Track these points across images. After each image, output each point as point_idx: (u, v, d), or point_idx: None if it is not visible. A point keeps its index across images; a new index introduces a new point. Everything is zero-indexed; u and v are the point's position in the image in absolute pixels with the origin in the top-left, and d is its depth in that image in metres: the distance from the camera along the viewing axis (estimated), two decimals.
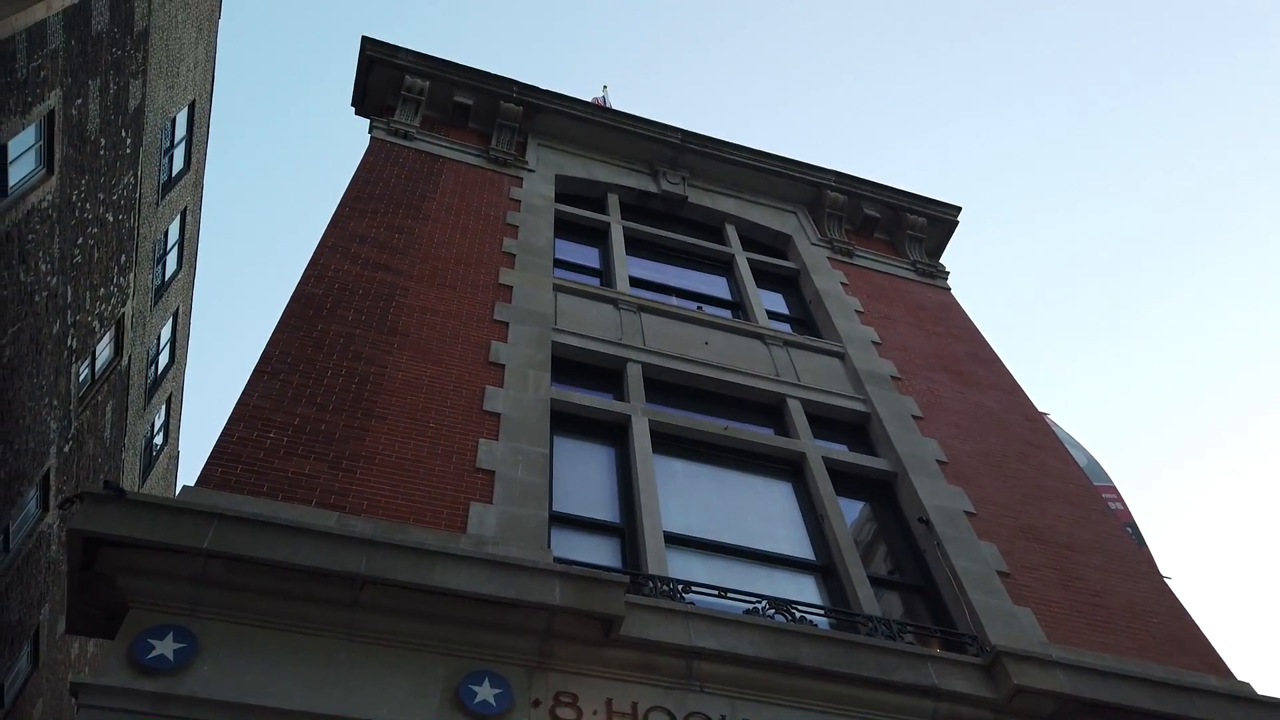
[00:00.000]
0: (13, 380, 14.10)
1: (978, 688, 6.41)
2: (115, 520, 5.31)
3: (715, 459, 8.75)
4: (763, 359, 10.21)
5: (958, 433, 9.87)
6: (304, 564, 5.47)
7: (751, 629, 6.28)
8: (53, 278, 14.74)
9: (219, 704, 4.96)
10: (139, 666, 4.97)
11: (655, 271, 11.91)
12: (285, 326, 8.00)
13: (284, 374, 7.47)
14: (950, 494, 8.74)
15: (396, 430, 7.32)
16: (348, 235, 9.56)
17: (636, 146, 13.74)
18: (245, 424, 6.83)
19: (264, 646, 5.32)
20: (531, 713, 5.48)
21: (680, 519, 7.82)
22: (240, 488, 6.26)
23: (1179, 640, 7.80)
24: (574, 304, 10.03)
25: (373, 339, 8.25)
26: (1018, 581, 7.87)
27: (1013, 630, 7.26)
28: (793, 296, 12.44)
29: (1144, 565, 8.79)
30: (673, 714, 5.77)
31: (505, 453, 7.42)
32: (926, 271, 13.70)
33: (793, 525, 8.30)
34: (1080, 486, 9.71)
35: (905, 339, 11.56)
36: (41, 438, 15.71)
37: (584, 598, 5.83)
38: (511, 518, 6.79)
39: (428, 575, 5.64)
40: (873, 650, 6.42)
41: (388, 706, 5.23)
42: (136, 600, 5.29)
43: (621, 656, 5.91)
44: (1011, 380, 11.44)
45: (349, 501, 6.50)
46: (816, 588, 7.72)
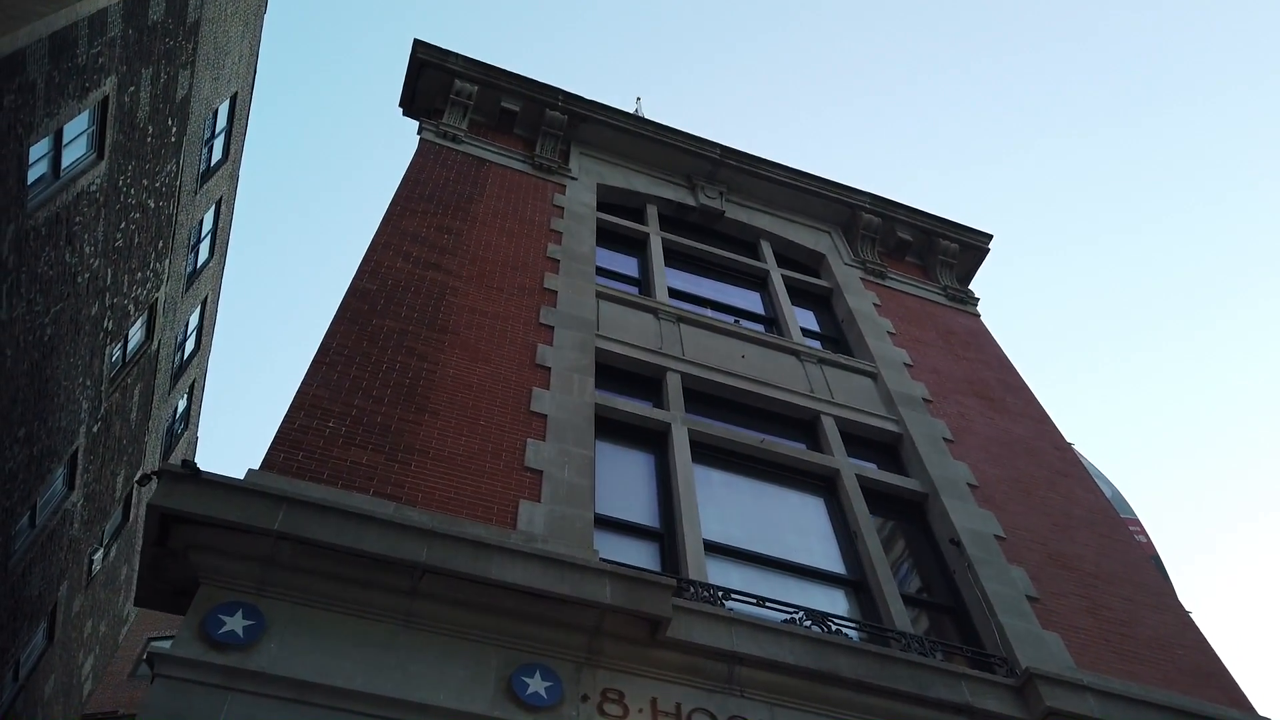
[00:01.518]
0: (51, 359, 14.34)
1: (1010, 708, 6.55)
2: (191, 498, 5.50)
3: (751, 471, 8.91)
4: (797, 375, 10.37)
5: (988, 457, 10.01)
6: (368, 550, 5.64)
7: (791, 638, 6.43)
8: (95, 260, 15.00)
9: (285, 681, 5.13)
10: (211, 641, 5.14)
11: (692, 284, 12.10)
12: (342, 319, 8.20)
13: (341, 365, 7.66)
14: (981, 517, 8.88)
15: (448, 426, 7.50)
16: (400, 233, 9.77)
17: (676, 159, 13.95)
18: (306, 412, 7.02)
19: (327, 628, 5.49)
20: (580, 707, 5.63)
21: (718, 528, 7.97)
22: (302, 474, 6.44)
23: (1203, 673, 7.92)
24: (616, 311, 10.21)
25: (424, 336, 8.44)
26: (1046, 607, 8.00)
27: (1041, 654, 7.39)
28: (825, 315, 12.61)
29: (1168, 597, 8.91)
30: (714, 716, 5.92)
31: (552, 453, 7.59)
32: (957, 297, 13.86)
33: (826, 540, 8.44)
34: (1107, 517, 9.83)
35: (936, 362, 11.71)
36: (73, 417, 15.95)
37: (633, 597, 5.99)
38: (559, 517, 6.96)
39: (485, 568, 5.81)
40: (908, 665, 6.56)
41: (444, 693, 5.39)
42: (208, 577, 5.47)
43: (666, 657, 6.06)
44: (1040, 409, 11.57)
45: (404, 493, 6.67)
46: (849, 602, 7.86)
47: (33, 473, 14.89)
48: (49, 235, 13.08)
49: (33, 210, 12.38)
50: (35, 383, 14.02)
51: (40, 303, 13.42)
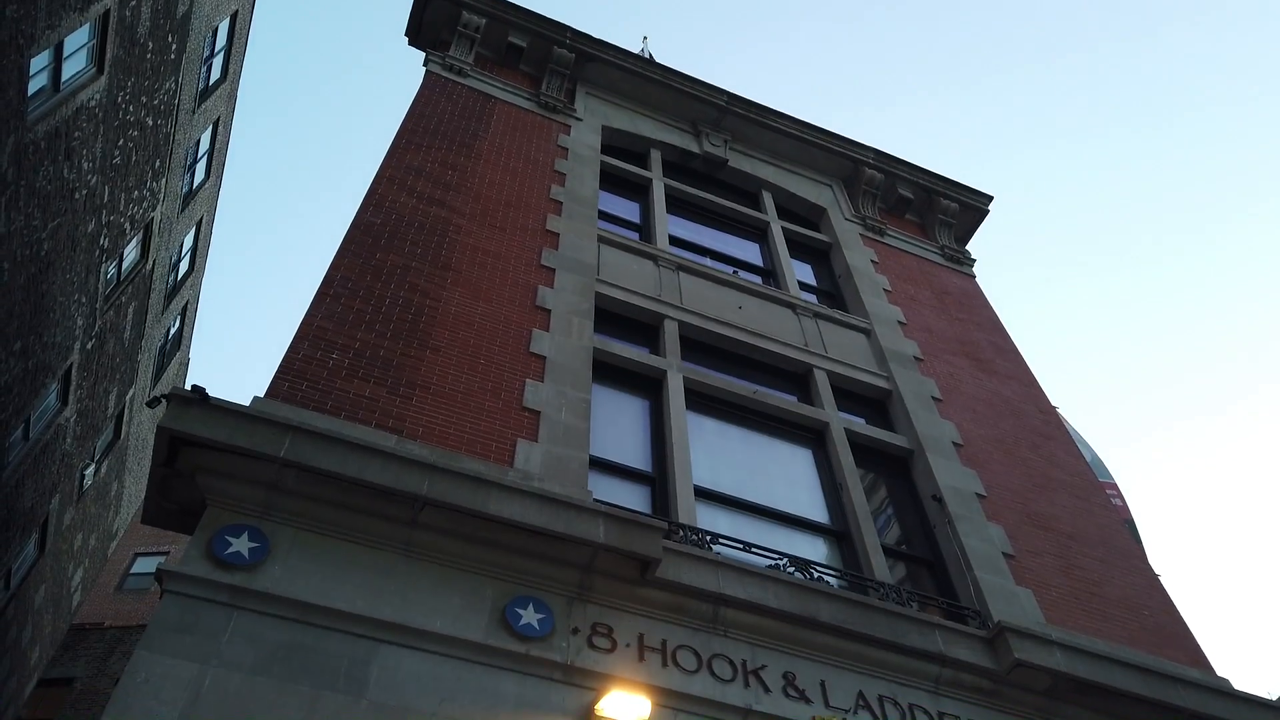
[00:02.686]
0: (48, 274, 14.33)
1: (980, 658, 6.83)
2: (199, 422, 5.63)
3: (743, 420, 9.09)
4: (793, 328, 10.50)
5: (974, 417, 10.22)
6: (371, 481, 5.80)
7: (775, 583, 6.66)
8: (93, 177, 14.89)
9: (289, 602, 5.32)
10: (217, 560, 5.32)
11: (692, 232, 12.14)
12: (346, 252, 8.25)
13: (345, 298, 7.74)
14: (964, 475, 9.11)
15: (449, 363, 7.62)
16: (404, 168, 9.76)
17: (682, 105, 13.87)
18: (310, 343, 7.12)
19: (329, 553, 5.67)
20: (571, 639, 5.86)
21: (708, 474, 8.17)
22: (306, 403, 6.57)
23: (1167, 633, 8.24)
24: (616, 257, 10.28)
25: (427, 272, 8.51)
26: (1021, 564, 8.27)
27: (1013, 609, 7.67)
28: (823, 269, 12.69)
29: (1139, 561, 9.21)
30: (699, 654, 6.17)
31: (550, 395, 7.73)
32: (954, 257, 13.95)
33: (813, 490, 8.67)
34: (1085, 480, 10.09)
35: (929, 321, 11.85)
36: (68, 333, 15.98)
37: (626, 538, 6.19)
38: (555, 457, 7.13)
39: (484, 503, 5.98)
40: (885, 614, 6.82)
41: (441, 620, 5.60)
42: (214, 499, 5.62)
43: (655, 596, 6.29)
44: (1028, 372, 11.77)
45: (405, 426, 6.82)
46: (831, 551, 8.10)
47: (27, 386, 14.97)
48: (48, 149, 12.97)
49: (32, 123, 12.27)
50: (31, 297, 14.03)
51: (38, 218, 13.37)
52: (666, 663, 6.01)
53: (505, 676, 5.50)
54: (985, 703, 6.77)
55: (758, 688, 6.15)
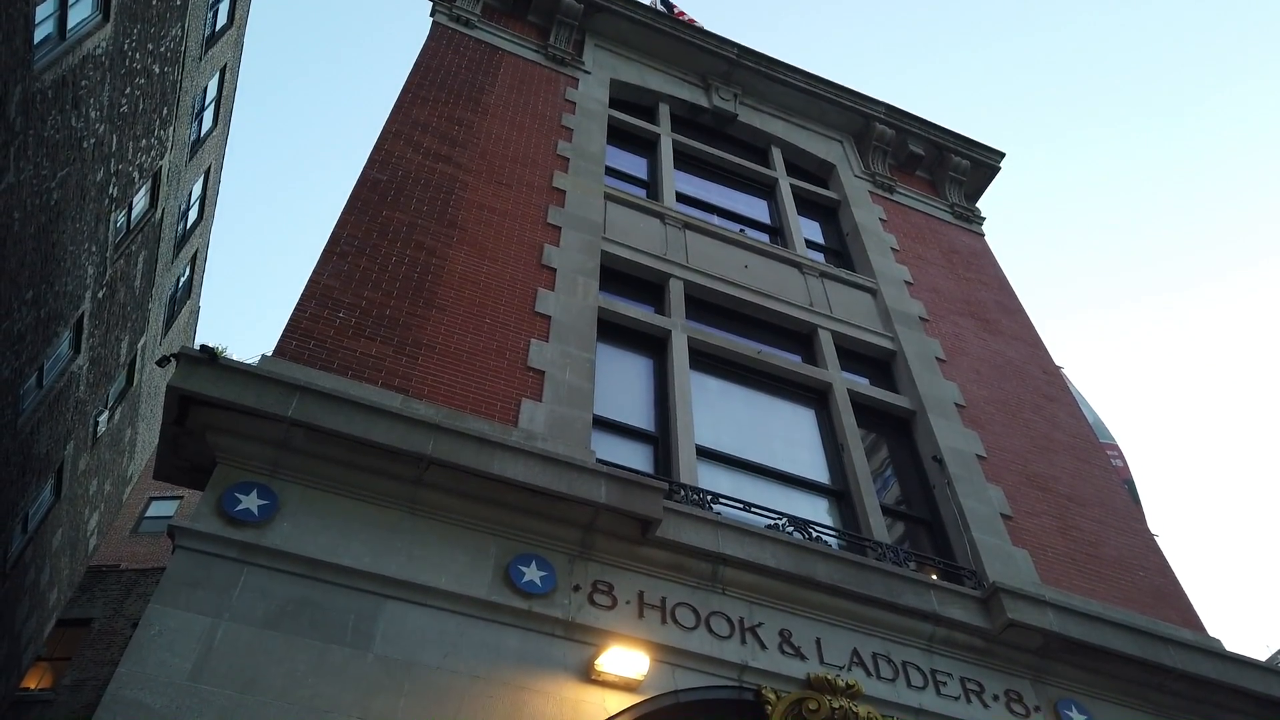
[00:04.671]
0: (58, 223, 14.38)
1: (973, 617, 6.97)
2: (208, 382, 5.72)
3: (746, 380, 9.15)
4: (798, 288, 10.51)
5: (977, 379, 10.26)
6: (377, 441, 5.91)
7: (774, 543, 6.79)
8: (101, 125, 14.86)
9: (297, 558, 5.46)
10: (228, 517, 5.45)
11: (700, 188, 12.09)
12: (352, 209, 8.28)
13: (352, 256, 7.79)
14: (965, 437, 9.19)
15: (455, 322, 7.68)
16: (411, 123, 9.73)
17: (691, 58, 13.71)
18: (317, 302, 7.18)
19: (336, 511, 5.80)
20: (572, 596, 6.01)
21: (710, 434, 8.26)
22: (313, 362, 6.66)
23: (1161, 594, 8.37)
24: (622, 214, 10.26)
25: (433, 230, 8.54)
26: (1019, 525, 8.38)
27: (1009, 569, 7.80)
28: (831, 227, 12.65)
29: (1136, 522, 9.31)
30: (697, 611, 6.32)
31: (555, 355, 7.80)
32: (963, 215, 13.87)
33: (814, 450, 8.76)
34: (1087, 442, 10.16)
35: (936, 281, 11.84)
36: (79, 282, 16.09)
37: (626, 498, 6.30)
38: (559, 417, 7.22)
39: (488, 463, 6.09)
40: (882, 574, 6.95)
41: (445, 576, 5.75)
42: (224, 457, 5.75)
43: (655, 555, 6.42)
44: (1034, 333, 11.77)
45: (411, 385, 6.91)
46: (831, 511, 8.22)
47: (40, 335, 15.13)
48: (55, 98, 12.94)
49: (39, 72, 12.22)
50: (42, 247, 14.10)
51: (47, 167, 13.38)
52: (665, 620, 6.16)
53: (508, 632, 5.65)
54: (977, 661, 6.92)
55: (754, 645, 6.31)
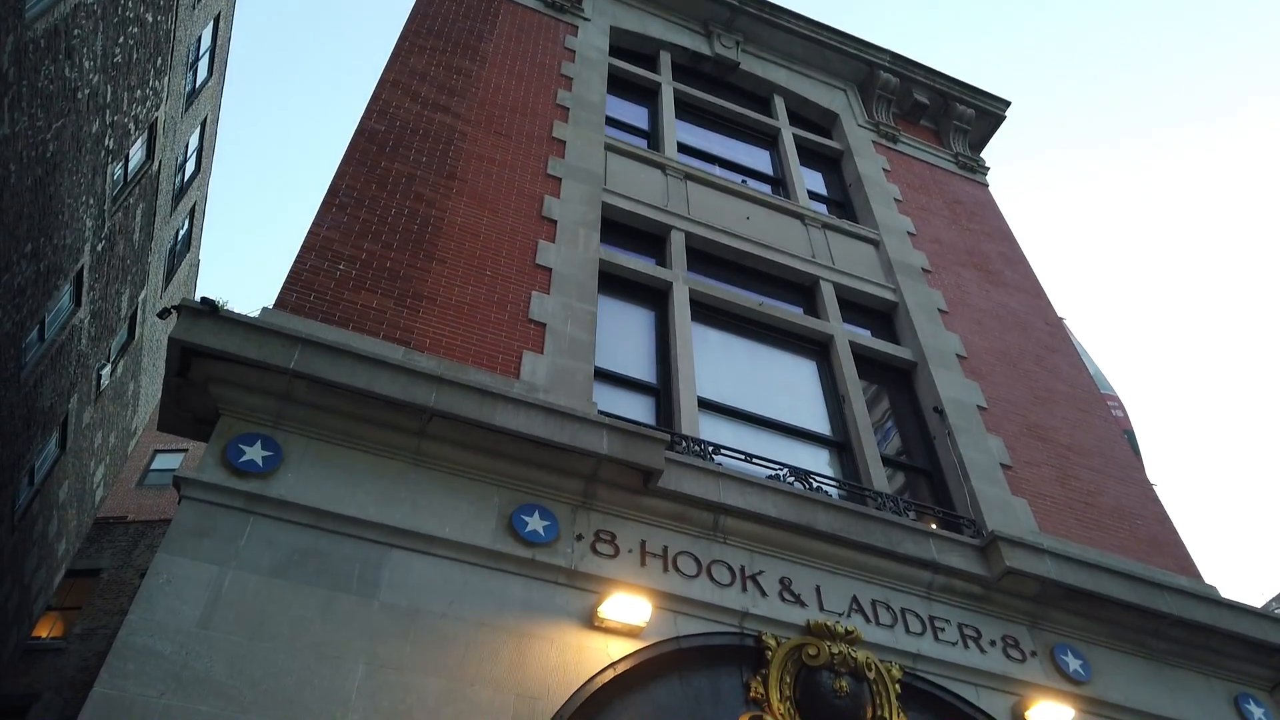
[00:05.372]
0: (55, 175, 14.28)
1: (972, 565, 7.05)
2: (210, 334, 5.73)
3: (748, 332, 9.15)
4: (800, 239, 10.46)
5: (979, 329, 10.25)
6: (379, 393, 5.92)
7: (775, 493, 6.84)
8: (94, 76, 14.67)
9: (302, 508, 5.51)
10: (233, 468, 5.49)
11: (701, 138, 11.97)
12: (350, 160, 8.20)
13: (351, 208, 7.74)
14: (966, 387, 9.20)
15: (455, 275, 7.66)
16: (408, 71, 9.60)
17: (693, 4, 13.48)
18: (316, 254, 7.16)
19: (340, 462, 5.84)
20: (575, 545, 6.07)
21: (712, 385, 8.28)
22: (314, 314, 6.65)
23: (1158, 542, 8.45)
24: (623, 165, 10.17)
25: (432, 181, 8.47)
26: (1018, 475, 8.44)
27: (1008, 518, 7.86)
28: (833, 177, 12.54)
29: (1135, 471, 9.37)
30: (698, 560, 6.39)
31: (556, 307, 7.79)
32: (967, 165, 13.74)
33: (815, 402, 8.79)
34: (1087, 392, 10.18)
35: (939, 232, 11.77)
36: (78, 235, 16.02)
37: (628, 449, 6.34)
38: (561, 369, 7.23)
39: (490, 414, 6.11)
40: (881, 523, 7.01)
41: (450, 526, 5.80)
42: (227, 409, 5.77)
43: (657, 505, 6.48)
44: (1036, 283, 11.74)
45: (413, 338, 6.91)
46: (831, 461, 8.27)
47: (40, 288, 15.10)
48: (48, 48, 12.76)
49: (31, 21, 12.04)
50: (40, 199, 14.02)
51: (42, 118, 13.24)
52: (667, 568, 6.23)
53: (512, 580, 5.72)
54: (975, 607, 7.02)
55: (755, 592, 6.39)
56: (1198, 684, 7.25)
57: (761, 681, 5.93)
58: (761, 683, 5.93)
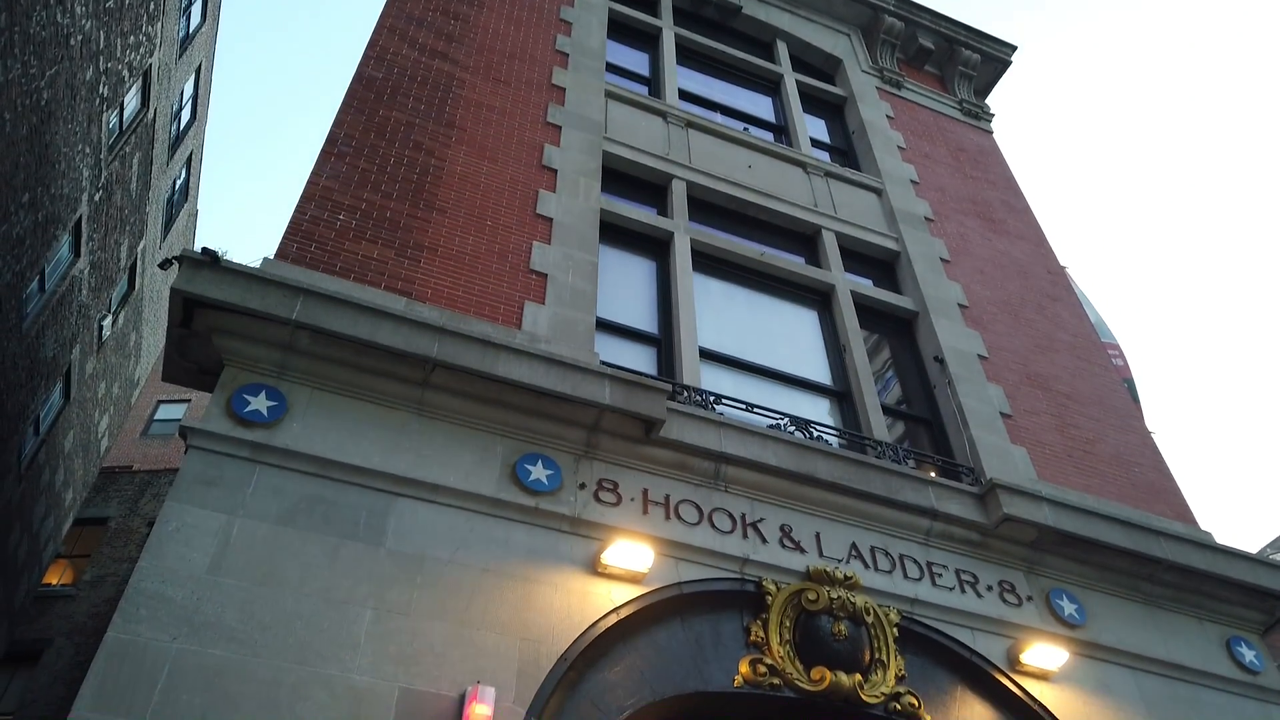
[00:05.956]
0: (50, 124, 14.14)
1: (970, 513, 7.13)
2: (211, 285, 5.73)
3: (749, 282, 9.14)
4: (802, 188, 10.39)
5: (981, 279, 10.24)
6: (382, 343, 5.94)
7: (775, 442, 6.89)
8: (87, 21, 14.45)
9: (308, 457, 5.56)
10: (238, 418, 5.53)
11: (703, 85, 11.82)
12: (348, 108, 8.12)
13: (350, 157, 7.68)
14: (967, 337, 9.22)
15: (455, 225, 7.63)
16: (405, 17, 9.46)
17: None
18: (316, 204, 7.12)
19: (344, 412, 5.88)
20: (578, 494, 6.14)
21: (713, 335, 8.30)
22: (315, 264, 6.65)
23: (1155, 489, 8.53)
24: (624, 113, 10.07)
25: (431, 130, 8.39)
26: (1018, 423, 8.49)
27: (1007, 466, 7.93)
28: (836, 125, 12.41)
29: (1134, 420, 9.42)
30: (700, 508, 6.47)
31: (557, 257, 7.77)
32: (972, 111, 13.59)
33: (816, 351, 8.81)
34: (1088, 341, 10.20)
35: (943, 180, 11.68)
36: (75, 184, 15.91)
37: (630, 399, 6.38)
38: (562, 320, 7.24)
39: (492, 365, 6.14)
40: (881, 471, 7.08)
41: (454, 475, 5.86)
42: (231, 359, 5.80)
43: (659, 454, 6.53)
44: (1039, 232, 11.68)
45: (414, 289, 6.91)
46: (832, 411, 8.32)
47: (39, 238, 15.05)
48: None
49: None
50: (36, 148, 13.90)
51: (35, 65, 13.08)
52: (669, 516, 6.31)
53: (516, 528, 5.80)
54: (972, 554, 7.11)
55: (755, 539, 6.48)
56: (1190, 627, 7.38)
57: (762, 626, 6.05)
58: (762, 627, 6.04)
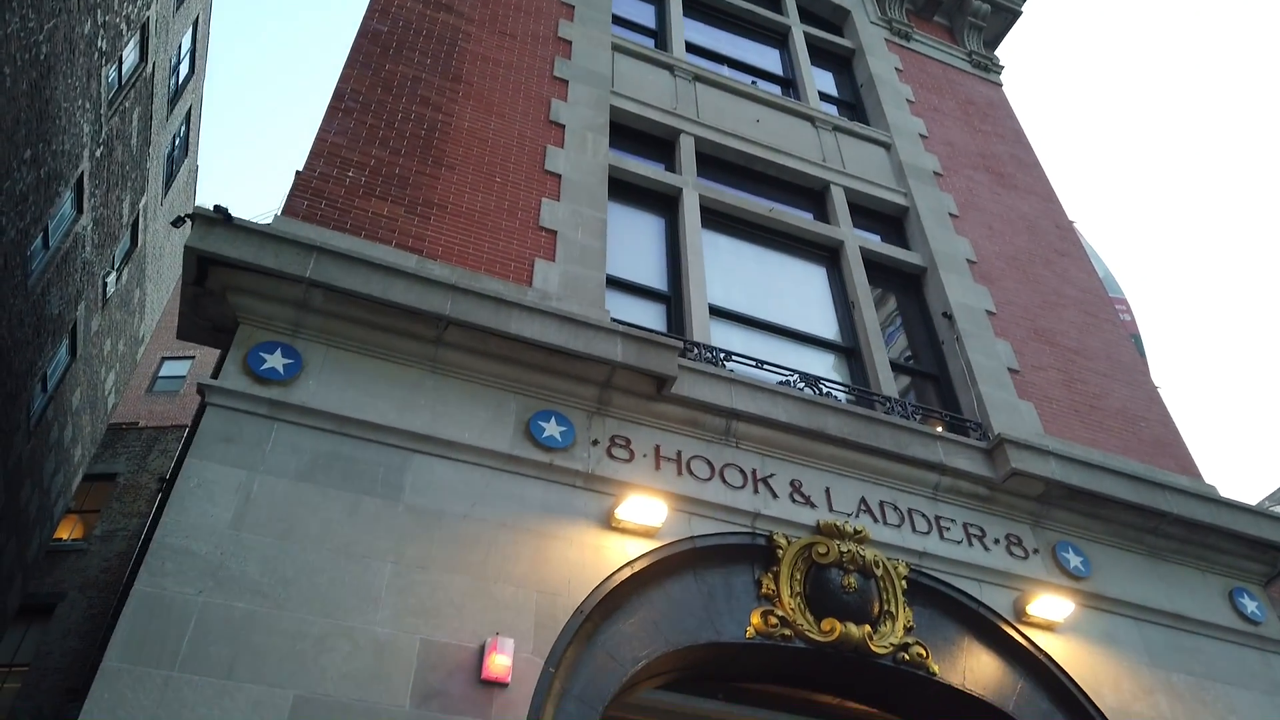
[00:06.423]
0: (50, 78, 14.00)
1: (978, 467, 7.20)
2: (225, 242, 5.73)
3: (758, 238, 9.12)
4: (811, 143, 10.31)
5: (990, 234, 10.21)
6: (396, 301, 5.96)
7: (785, 398, 6.94)
8: None
9: (324, 414, 5.61)
10: (254, 375, 5.57)
11: (710, 37, 11.67)
12: (354, 62, 8.05)
13: (357, 113, 7.62)
14: (975, 292, 9.22)
15: (464, 182, 7.60)
16: None
17: None
18: (325, 160, 7.09)
19: (360, 370, 5.92)
20: (591, 450, 6.20)
21: (722, 292, 8.30)
22: (325, 222, 6.64)
23: (1161, 443, 8.60)
24: (631, 66, 9.96)
25: (438, 85, 8.32)
26: (1025, 379, 8.53)
27: (1014, 421, 7.99)
28: (845, 78, 12.28)
29: (1141, 375, 9.46)
30: (711, 464, 6.53)
31: (566, 214, 7.75)
32: (981, 64, 13.43)
33: (825, 308, 8.82)
34: (1096, 296, 10.20)
35: (951, 134, 11.59)
36: (76, 139, 15.80)
37: (642, 356, 6.41)
38: (573, 277, 7.25)
39: (506, 322, 6.16)
40: (890, 427, 7.13)
41: (469, 432, 5.92)
42: (245, 317, 5.82)
43: (670, 411, 6.58)
44: (1048, 186, 11.62)
45: (425, 246, 6.91)
46: (841, 367, 8.36)
47: (42, 195, 14.98)
48: None
49: None
50: (36, 103, 13.78)
51: (33, 19, 12.92)
52: (681, 472, 6.38)
53: (531, 483, 5.87)
54: (980, 507, 7.19)
55: (766, 494, 6.55)
56: (1194, 579, 7.49)
57: (773, 578, 6.14)
58: (773, 579, 6.14)
